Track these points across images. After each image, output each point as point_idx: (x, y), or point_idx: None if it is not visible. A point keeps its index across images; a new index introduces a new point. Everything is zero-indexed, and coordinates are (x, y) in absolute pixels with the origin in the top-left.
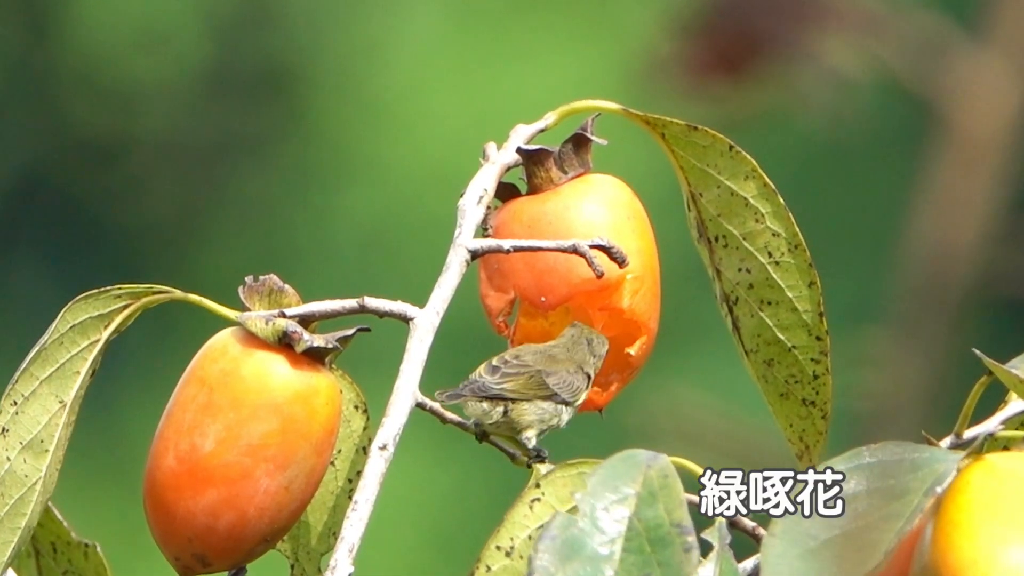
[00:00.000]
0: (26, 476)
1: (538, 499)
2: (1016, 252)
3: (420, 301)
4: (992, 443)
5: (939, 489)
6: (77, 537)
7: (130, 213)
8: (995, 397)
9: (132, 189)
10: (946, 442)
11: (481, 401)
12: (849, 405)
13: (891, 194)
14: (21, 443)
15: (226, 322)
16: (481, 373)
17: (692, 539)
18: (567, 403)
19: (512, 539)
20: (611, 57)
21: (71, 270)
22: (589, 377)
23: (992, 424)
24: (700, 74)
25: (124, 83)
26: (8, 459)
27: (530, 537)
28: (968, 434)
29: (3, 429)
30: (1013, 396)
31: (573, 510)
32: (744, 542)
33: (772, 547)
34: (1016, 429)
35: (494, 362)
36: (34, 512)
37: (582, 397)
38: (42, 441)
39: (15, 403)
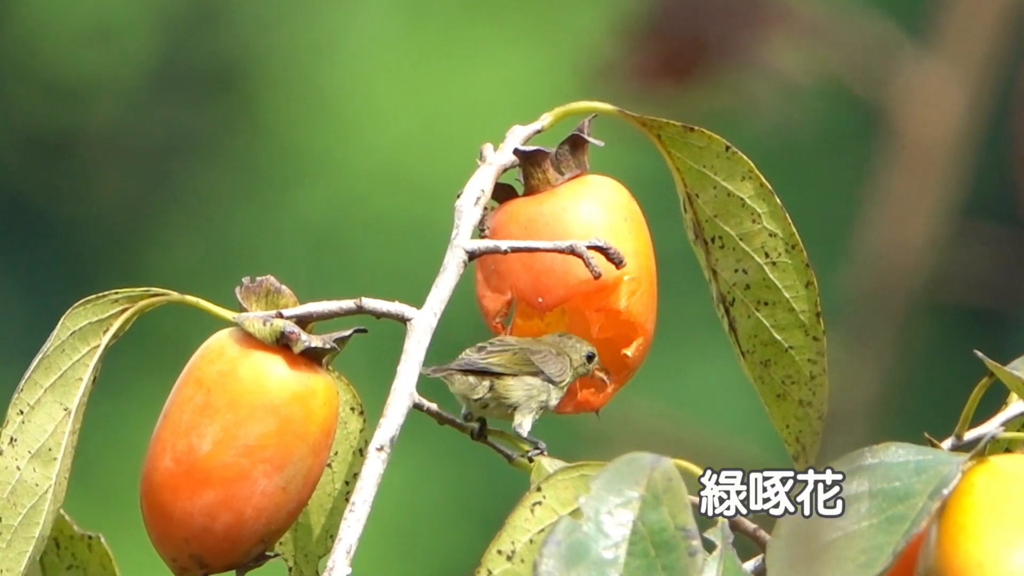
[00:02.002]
0: (37, 485)
1: (539, 502)
2: (965, 256)
3: (372, 297)
4: (993, 445)
5: (945, 492)
6: (80, 530)
7: (78, 210)
8: (993, 399)
9: (80, 185)
10: (947, 444)
11: (467, 375)
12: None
13: (839, 199)
14: (30, 452)
15: (223, 323)
16: (467, 352)
17: (697, 543)
18: (553, 382)
19: (513, 543)
20: (562, 56)
21: (18, 266)
22: (571, 362)
23: (993, 426)
24: (647, 79)
25: (71, 78)
26: (18, 468)
27: (531, 541)
28: (969, 436)
29: (11, 439)
30: (1014, 397)
31: (575, 512)
32: (745, 544)
33: (777, 549)
34: (1017, 431)
35: (478, 345)
36: (47, 522)
37: (567, 379)
38: (50, 449)
39: (21, 412)
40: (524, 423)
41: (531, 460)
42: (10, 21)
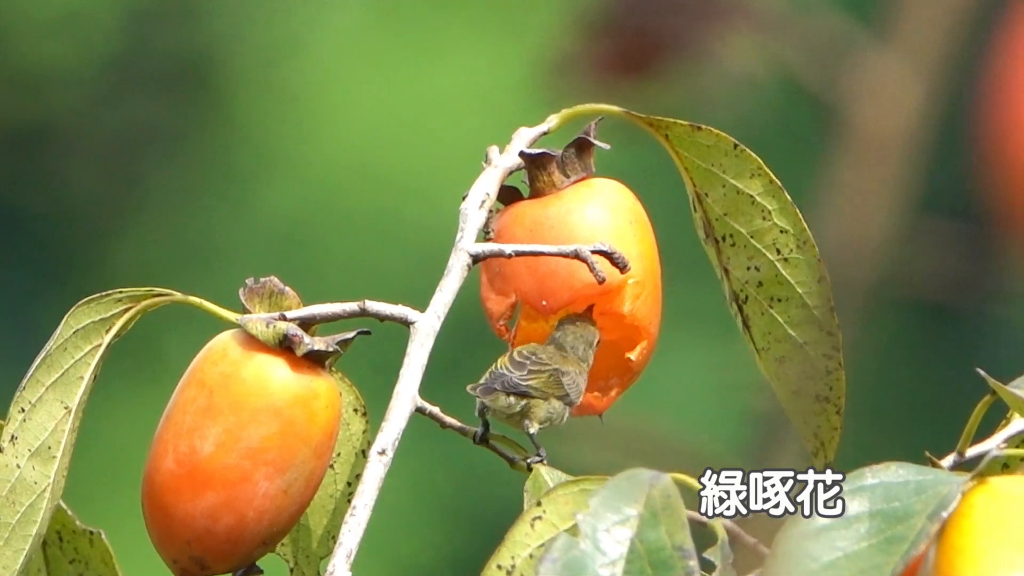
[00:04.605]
0: (35, 483)
1: (539, 517)
2: (918, 252)
3: (341, 297)
4: (993, 462)
5: (945, 513)
6: (82, 525)
7: (44, 203)
8: (993, 415)
9: (46, 178)
10: (948, 461)
11: (509, 396)
12: (759, 405)
13: (793, 194)
14: (30, 450)
15: (226, 324)
16: (508, 367)
17: (694, 563)
18: (572, 403)
19: (513, 558)
20: (531, 51)
21: None
22: (587, 365)
23: (994, 443)
24: (604, 73)
25: (37, 69)
26: (18, 466)
27: (531, 556)
28: (970, 453)
29: (12, 436)
30: (1015, 414)
31: (572, 529)
32: (745, 557)
33: (774, 569)
34: (1017, 447)
35: (516, 357)
36: (44, 519)
37: (581, 397)
38: (49, 448)
39: (23, 410)
40: (531, 426)
41: (530, 468)
42: None
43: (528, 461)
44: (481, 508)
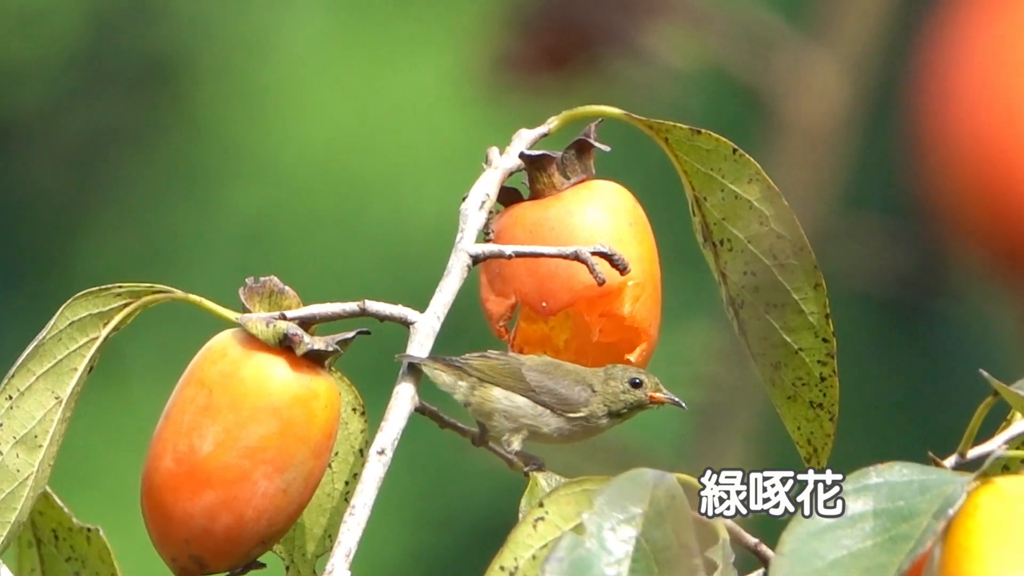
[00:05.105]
0: (18, 471)
1: (542, 518)
2: (846, 245)
3: (306, 296)
4: (994, 463)
5: (951, 512)
6: (79, 523)
7: (8, 200)
8: (992, 414)
9: (10, 176)
10: (950, 462)
11: (442, 372)
12: (691, 396)
13: None
14: (15, 437)
15: (226, 323)
16: (465, 356)
17: (699, 561)
18: (552, 409)
19: (516, 559)
20: (466, 51)
21: None
22: (605, 395)
23: (996, 444)
24: (534, 69)
25: (1, 66)
26: (0, 453)
27: (534, 557)
28: (972, 454)
29: None
30: (1017, 416)
31: (577, 528)
32: (746, 558)
33: (780, 567)
34: (1018, 448)
35: (485, 351)
36: (24, 507)
37: (582, 412)
38: (36, 436)
39: (10, 397)
40: (513, 441)
41: (527, 475)
42: None
43: (525, 468)
44: (475, 510)
